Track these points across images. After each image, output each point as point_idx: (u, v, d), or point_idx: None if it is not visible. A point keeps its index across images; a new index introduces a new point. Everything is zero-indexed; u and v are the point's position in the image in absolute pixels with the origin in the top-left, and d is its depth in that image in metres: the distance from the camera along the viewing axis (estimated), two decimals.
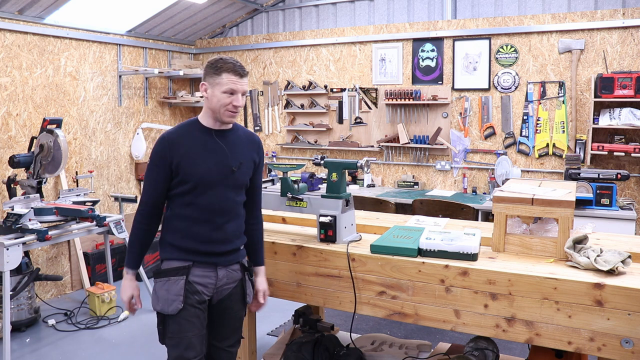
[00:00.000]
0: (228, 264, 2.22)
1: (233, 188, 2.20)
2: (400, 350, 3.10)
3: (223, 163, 2.17)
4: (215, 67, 2.11)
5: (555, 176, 4.81)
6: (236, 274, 2.26)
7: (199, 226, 2.15)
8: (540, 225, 2.47)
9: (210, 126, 2.18)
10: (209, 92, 2.13)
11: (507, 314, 2.09)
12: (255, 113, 6.24)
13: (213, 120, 2.17)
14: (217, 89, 2.10)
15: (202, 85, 2.15)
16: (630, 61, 4.47)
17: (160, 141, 2.15)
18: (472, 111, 5.11)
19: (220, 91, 2.09)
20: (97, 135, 5.33)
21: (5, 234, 3.50)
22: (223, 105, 2.10)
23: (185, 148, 2.12)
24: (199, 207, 2.15)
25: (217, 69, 2.11)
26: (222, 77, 2.09)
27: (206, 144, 2.16)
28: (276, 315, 4.24)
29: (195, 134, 2.17)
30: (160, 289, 2.14)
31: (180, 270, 2.13)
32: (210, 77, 2.12)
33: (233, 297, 2.26)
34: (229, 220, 2.20)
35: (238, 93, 2.11)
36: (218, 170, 2.15)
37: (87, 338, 3.97)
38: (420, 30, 5.24)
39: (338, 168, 2.54)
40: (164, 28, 5.84)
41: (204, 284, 2.16)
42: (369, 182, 5.48)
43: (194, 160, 2.13)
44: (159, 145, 2.14)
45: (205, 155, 2.14)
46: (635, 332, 1.89)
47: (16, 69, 4.55)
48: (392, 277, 2.29)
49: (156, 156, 2.14)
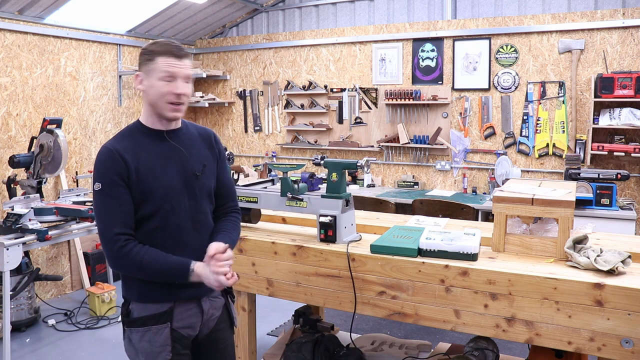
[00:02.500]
0: (210, 292, 1.89)
1: (200, 197, 1.87)
2: (400, 350, 3.09)
3: (185, 169, 1.83)
4: (148, 53, 1.77)
5: (555, 176, 4.81)
6: (219, 300, 1.96)
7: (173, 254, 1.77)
8: (540, 225, 2.47)
9: (157, 127, 1.83)
10: (145, 83, 1.77)
11: (507, 314, 2.09)
12: (255, 113, 6.24)
13: (157, 118, 1.81)
14: (153, 76, 1.76)
15: (137, 77, 1.80)
16: (630, 61, 4.47)
17: (109, 154, 1.73)
18: (472, 111, 5.11)
19: (157, 78, 1.75)
20: (97, 135, 5.33)
21: (5, 234, 3.50)
22: (162, 96, 1.75)
23: (138, 159, 1.75)
24: (170, 229, 1.79)
25: (150, 53, 1.76)
26: (157, 62, 1.75)
27: (161, 150, 1.80)
28: (276, 315, 4.24)
29: (143, 140, 1.80)
30: (139, 340, 1.78)
31: (162, 316, 1.78)
32: (144, 65, 1.77)
33: (220, 325, 1.97)
34: (204, 237, 1.87)
35: (178, 78, 1.76)
36: (182, 179, 1.82)
37: (87, 338, 3.97)
38: (420, 30, 5.24)
39: (338, 168, 2.53)
40: (164, 28, 5.84)
41: (190, 326, 1.85)
42: (369, 182, 5.48)
43: (153, 171, 1.76)
44: (109, 159, 1.72)
45: (164, 163, 1.79)
46: (635, 332, 1.89)
47: (16, 69, 4.55)
48: (392, 277, 2.29)
49: (110, 172, 1.71)
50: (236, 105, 6.37)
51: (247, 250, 2.66)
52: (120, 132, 1.84)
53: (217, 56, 6.41)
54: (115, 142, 1.78)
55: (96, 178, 1.73)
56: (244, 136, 6.36)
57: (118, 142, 1.77)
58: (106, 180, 1.72)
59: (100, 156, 1.75)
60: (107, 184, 1.71)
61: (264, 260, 2.61)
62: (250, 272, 2.67)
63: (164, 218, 1.78)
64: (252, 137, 6.31)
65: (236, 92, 6.34)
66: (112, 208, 1.71)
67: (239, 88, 6.32)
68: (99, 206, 1.73)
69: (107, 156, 1.73)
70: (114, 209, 1.72)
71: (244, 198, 2.74)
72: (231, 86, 6.37)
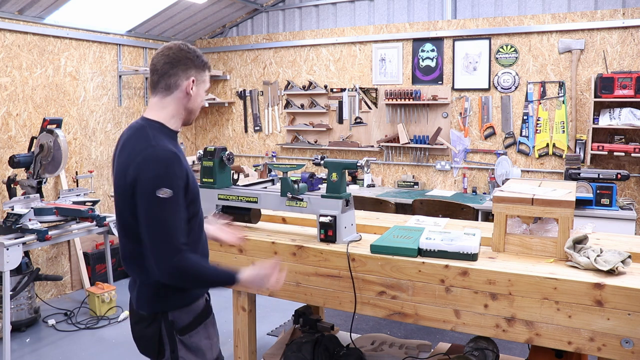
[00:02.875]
0: None
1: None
2: (400, 350, 3.10)
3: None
4: (204, 63, 1.77)
5: (555, 176, 4.81)
6: None
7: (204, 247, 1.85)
8: (540, 225, 2.47)
9: (177, 130, 1.81)
10: (195, 90, 1.74)
11: (507, 314, 2.09)
12: (255, 113, 6.24)
13: (180, 123, 1.80)
14: (201, 87, 1.77)
15: (193, 81, 1.73)
16: (630, 61, 4.47)
17: (175, 159, 1.64)
18: (472, 111, 5.11)
19: (204, 89, 1.79)
20: (97, 135, 5.33)
21: (5, 234, 3.50)
22: (200, 106, 1.80)
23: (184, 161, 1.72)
24: (201, 228, 1.83)
25: (205, 65, 1.77)
26: (206, 74, 1.78)
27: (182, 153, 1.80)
28: (276, 315, 4.24)
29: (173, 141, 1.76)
30: (200, 340, 1.77)
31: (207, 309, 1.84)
32: (199, 73, 1.76)
33: None
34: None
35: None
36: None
37: (87, 338, 3.97)
38: (420, 30, 5.24)
39: (338, 168, 2.54)
40: (164, 28, 5.84)
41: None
42: (369, 182, 5.48)
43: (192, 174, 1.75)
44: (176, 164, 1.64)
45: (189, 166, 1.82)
46: (635, 332, 1.89)
47: (16, 69, 4.55)
48: (392, 277, 2.29)
49: (179, 179, 1.63)
50: (236, 105, 6.37)
51: (247, 250, 2.66)
52: (153, 131, 1.70)
53: (217, 56, 6.41)
54: (169, 144, 1.68)
55: (164, 183, 1.59)
56: (244, 136, 6.36)
57: (170, 144, 1.69)
58: (177, 189, 1.62)
59: (167, 160, 1.62)
60: (177, 193, 1.62)
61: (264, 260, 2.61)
62: None
63: (200, 215, 1.80)
64: (252, 137, 6.31)
65: (236, 92, 6.34)
66: (179, 217, 1.64)
67: (239, 88, 6.32)
68: (168, 215, 1.60)
69: (175, 161, 1.64)
70: (180, 218, 1.64)
71: (244, 198, 2.74)
72: (231, 86, 6.37)
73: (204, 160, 2.82)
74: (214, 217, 1.94)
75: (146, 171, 1.60)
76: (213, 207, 2.86)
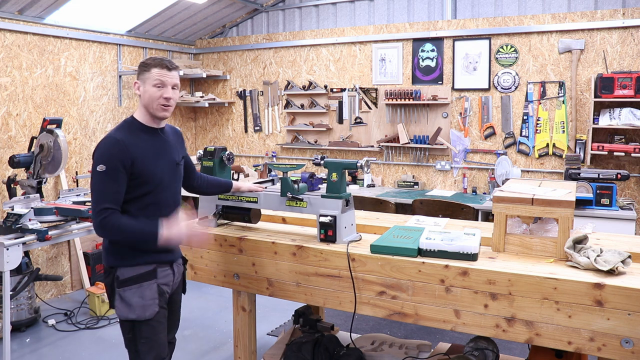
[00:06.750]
0: (177, 259, 2.37)
1: (178, 181, 2.36)
2: (400, 350, 3.10)
3: (170, 158, 2.29)
4: (145, 65, 2.21)
5: (555, 176, 4.81)
6: (181, 267, 2.40)
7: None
8: (540, 225, 2.47)
9: (151, 125, 2.25)
10: (142, 89, 2.20)
11: (507, 314, 2.09)
12: (255, 113, 6.24)
13: (150, 117, 2.23)
14: (147, 83, 2.18)
15: (135, 84, 2.23)
16: (630, 61, 4.47)
17: (115, 143, 2.11)
18: (472, 111, 5.11)
19: (151, 85, 2.17)
20: (97, 135, 5.33)
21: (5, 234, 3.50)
22: (155, 99, 2.17)
23: (139, 149, 2.15)
24: (158, 206, 2.21)
25: (146, 65, 2.20)
26: (151, 72, 2.18)
27: (154, 143, 2.23)
28: (276, 315, 4.24)
29: (140, 134, 2.21)
30: (132, 296, 2.15)
31: (150, 274, 2.19)
32: (142, 75, 2.21)
33: (178, 290, 2.42)
34: (177, 210, 2.31)
35: (167, 85, 2.19)
36: (169, 167, 2.27)
37: (87, 338, 3.97)
38: (420, 30, 5.24)
39: (338, 168, 2.54)
40: (164, 28, 5.84)
41: (167, 284, 2.26)
42: (369, 182, 5.48)
43: (150, 159, 2.18)
44: (114, 147, 2.10)
45: (157, 153, 2.22)
46: (635, 332, 1.89)
47: (16, 69, 4.55)
48: (392, 277, 2.29)
49: (113, 159, 2.08)
50: (236, 105, 6.37)
51: (247, 250, 2.66)
52: (119, 125, 2.23)
53: (217, 56, 6.41)
54: (118, 133, 2.15)
55: (100, 160, 2.08)
56: (244, 136, 6.36)
57: (121, 133, 2.15)
58: (111, 165, 2.07)
59: (107, 144, 2.11)
60: (111, 168, 2.07)
61: (264, 260, 2.62)
62: (250, 272, 2.67)
63: (157, 195, 2.20)
64: (252, 137, 6.31)
65: (236, 92, 6.34)
66: (108, 188, 2.08)
67: (239, 88, 6.32)
68: (98, 184, 2.09)
69: (114, 145, 2.10)
70: (109, 189, 2.08)
71: (244, 198, 2.75)
72: (231, 86, 6.37)
73: (204, 160, 2.82)
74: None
75: (95, 151, 2.14)
76: (213, 207, 2.87)
